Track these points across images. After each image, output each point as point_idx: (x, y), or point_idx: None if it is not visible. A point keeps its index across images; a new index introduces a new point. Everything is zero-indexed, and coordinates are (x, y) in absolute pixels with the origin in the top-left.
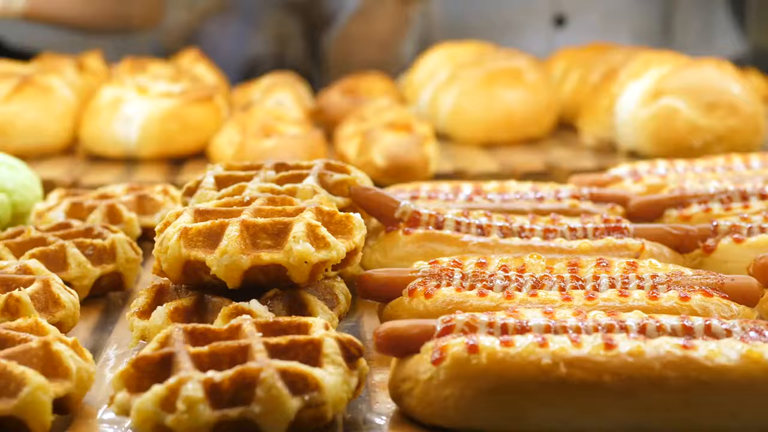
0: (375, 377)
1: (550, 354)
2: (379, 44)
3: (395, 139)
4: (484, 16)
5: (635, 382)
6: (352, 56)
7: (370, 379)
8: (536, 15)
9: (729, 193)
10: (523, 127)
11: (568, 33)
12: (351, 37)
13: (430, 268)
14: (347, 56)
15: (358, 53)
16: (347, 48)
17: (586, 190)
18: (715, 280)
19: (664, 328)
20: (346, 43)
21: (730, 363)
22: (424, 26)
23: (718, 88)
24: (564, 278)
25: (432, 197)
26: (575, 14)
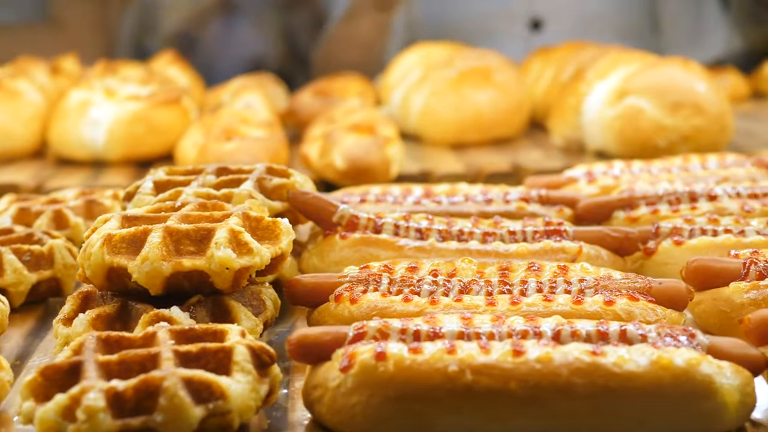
0: (296, 384)
1: (457, 361)
2: (361, 47)
3: (356, 141)
4: (463, 21)
5: (541, 389)
6: (335, 59)
7: (293, 386)
8: (513, 19)
9: (678, 194)
10: (492, 128)
11: (544, 36)
12: (335, 40)
13: (358, 273)
14: (331, 59)
15: (341, 56)
16: (331, 50)
17: (535, 192)
18: (643, 284)
19: (578, 334)
20: (330, 46)
21: (638, 369)
22: (405, 31)
23: (683, 88)
24: (492, 283)
25: (380, 200)
26: (551, 18)
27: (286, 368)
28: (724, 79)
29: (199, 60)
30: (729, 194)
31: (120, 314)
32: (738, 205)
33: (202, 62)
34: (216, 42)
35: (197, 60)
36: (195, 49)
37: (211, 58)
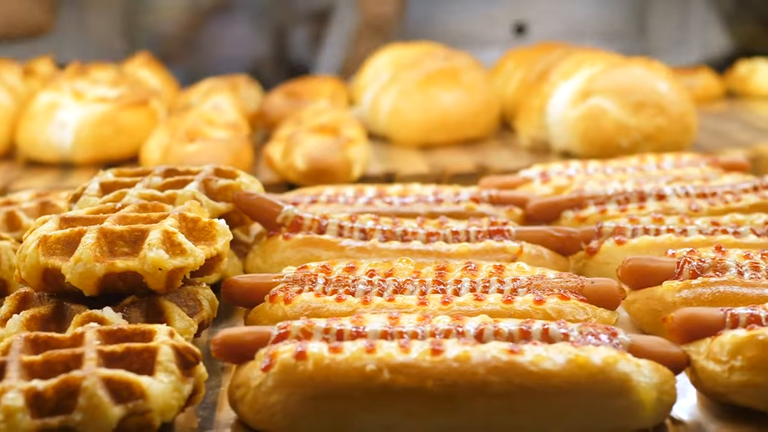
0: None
1: (375, 360)
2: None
3: (317, 142)
4: (447, 26)
5: (458, 387)
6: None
7: (224, 386)
8: (497, 24)
9: (626, 194)
10: (459, 128)
11: (529, 41)
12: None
13: (294, 273)
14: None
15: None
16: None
17: (486, 192)
18: (575, 284)
19: (501, 333)
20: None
21: (555, 368)
22: (398, 35)
23: (645, 88)
24: (426, 283)
25: (332, 201)
26: (536, 22)
27: (223, 368)
28: (697, 78)
29: (197, 62)
30: (678, 194)
31: (55, 315)
32: (685, 205)
33: (200, 64)
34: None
35: (195, 62)
36: (192, 51)
37: (209, 59)
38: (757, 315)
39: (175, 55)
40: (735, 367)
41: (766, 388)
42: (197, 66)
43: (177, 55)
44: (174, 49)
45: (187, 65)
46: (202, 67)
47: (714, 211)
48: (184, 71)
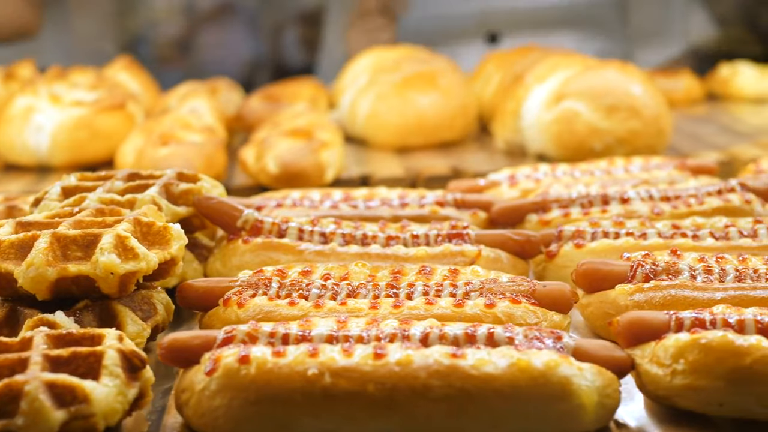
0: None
1: (317, 364)
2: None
3: (289, 145)
4: (419, 35)
5: (398, 391)
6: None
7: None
8: (470, 33)
9: (590, 197)
10: (436, 132)
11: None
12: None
13: (248, 277)
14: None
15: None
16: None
17: (451, 196)
18: (528, 287)
19: (446, 337)
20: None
21: (496, 371)
22: (361, 44)
23: (618, 91)
24: (379, 286)
25: (297, 204)
26: (508, 31)
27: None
28: (679, 81)
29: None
30: (641, 197)
31: (8, 319)
32: (648, 208)
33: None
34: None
35: (193, 64)
36: (190, 54)
37: (207, 62)
38: (701, 319)
39: (170, 58)
40: (677, 371)
41: (707, 392)
42: (192, 69)
43: (172, 59)
44: (169, 52)
45: (182, 68)
46: (197, 71)
47: (676, 215)
48: (179, 75)
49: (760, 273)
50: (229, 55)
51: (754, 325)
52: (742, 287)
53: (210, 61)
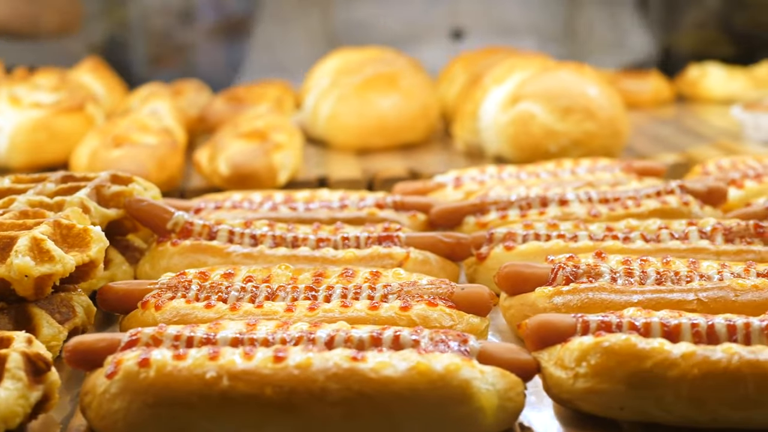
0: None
1: (216, 367)
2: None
3: (241, 147)
4: (385, 32)
5: (296, 394)
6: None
7: None
8: (435, 30)
9: (529, 199)
10: (397, 133)
11: (466, 46)
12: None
13: (169, 280)
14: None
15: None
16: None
17: (390, 198)
18: (446, 290)
19: (352, 340)
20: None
21: (395, 375)
22: (326, 42)
23: (573, 93)
24: (299, 289)
25: (237, 206)
26: (472, 28)
27: None
28: (647, 82)
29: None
30: (580, 199)
31: None
32: (585, 210)
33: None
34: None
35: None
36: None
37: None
38: (608, 322)
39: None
40: (579, 374)
41: (608, 395)
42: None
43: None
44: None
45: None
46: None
47: (613, 217)
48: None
49: (681, 275)
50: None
51: (660, 328)
52: (660, 290)
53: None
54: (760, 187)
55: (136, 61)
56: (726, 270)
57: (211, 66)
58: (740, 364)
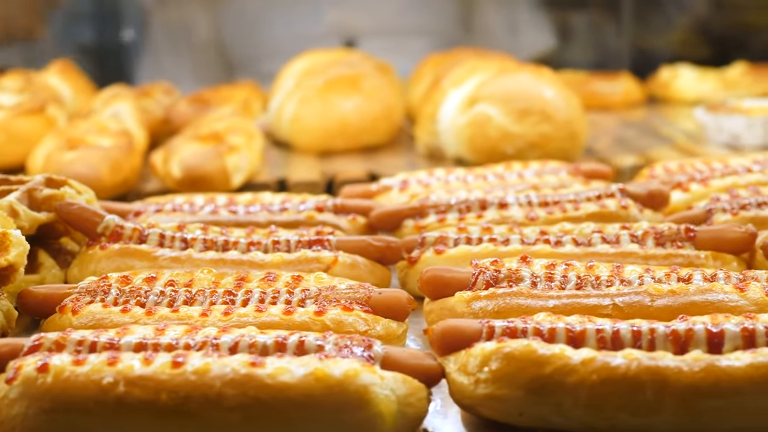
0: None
1: (114, 373)
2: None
3: (194, 150)
4: (276, 42)
5: (192, 400)
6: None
7: None
8: (327, 39)
9: (468, 203)
10: (358, 136)
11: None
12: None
13: (88, 284)
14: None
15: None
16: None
17: (331, 201)
18: (363, 295)
19: (256, 345)
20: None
21: (292, 380)
22: (215, 51)
23: (530, 95)
24: (217, 293)
25: (177, 210)
26: (365, 36)
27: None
28: (618, 84)
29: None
30: (520, 202)
31: None
32: (524, 213)
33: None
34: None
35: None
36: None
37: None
38: (513, 327)
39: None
40: (480, 380)
41: (507, 401)
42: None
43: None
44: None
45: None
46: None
47: (550, 220)
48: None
49: (602, 280)
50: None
51: (565, 334)
52: (577, 295)
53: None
54: (706, 190)
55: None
56: (647, 275)
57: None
58: (639, 370)
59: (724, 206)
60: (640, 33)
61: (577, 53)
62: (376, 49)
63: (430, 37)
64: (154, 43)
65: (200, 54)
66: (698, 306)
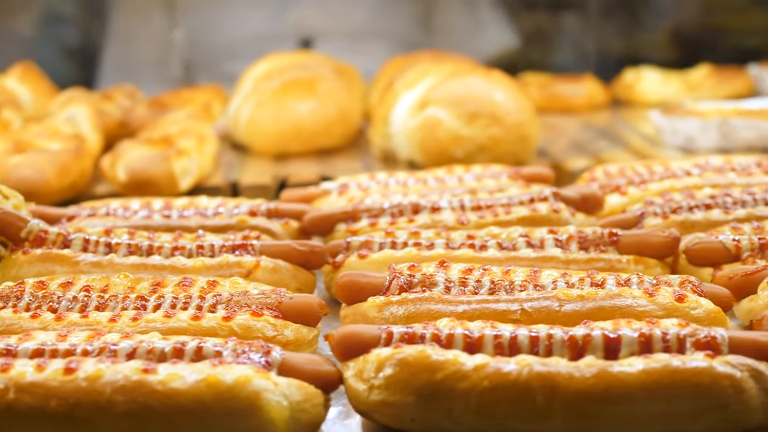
0: None
1: (6, 379)
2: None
3: (140, 153)
4: (233, 43)
5: (82, 407)
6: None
7: None
8: (283, 39)
9: (401, 207)
10: (313, 138)
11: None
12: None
13: (2, 289)
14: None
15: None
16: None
17: (265, 205)
18: (274, 300)
19: (154, 351)
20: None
21: (183, 387)
22: (174, 52)
23: (480, 98)
24: (130, 298)
25: (110, 214)
26: (321, 36)
27: None
28: (581, 86)
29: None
30: (452, 206)
31: None
32: (455, 218)
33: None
34: None
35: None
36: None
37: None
38: (411, 333)
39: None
40: (374, 386)
41: (400, 407)
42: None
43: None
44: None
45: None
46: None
47: (481, 224)
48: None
49: (515, 285)
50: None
51: (463, 340)
52: (487, 300)
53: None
54: (642, 194)
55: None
56: (562, 279)
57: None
58: (530, 376)
59: (656, 210)
60: (607, 35)
61: (543, 55)
62: (339, 51)
63: (393, 39)
64: (119, 46)
65: (166, 57)
66: (606, 311)
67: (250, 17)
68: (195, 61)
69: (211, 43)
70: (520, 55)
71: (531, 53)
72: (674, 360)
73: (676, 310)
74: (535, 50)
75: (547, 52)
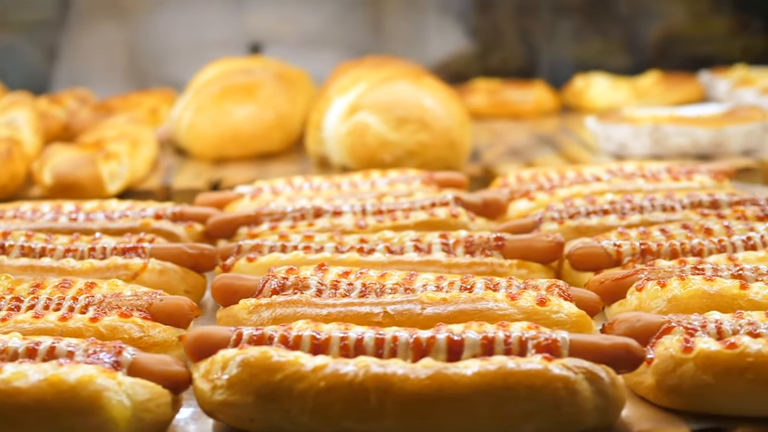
0: None
1: None
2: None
3: (67, 156)
4: (181, 49)
5: None
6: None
7: None
8: (231, 45)
9: (303, 211)
10: (252, 143)
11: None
12: None
13: None
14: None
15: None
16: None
17: (170, 209)
18: (145, 302)
19: (7, 351)
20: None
21: (25, 386)
22: (124, 55)
23: (408, 103)
24: (4, 299)
25: (18, 216)
26: (270, 41)
27: None
28: (530, 92)
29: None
30: (354, 211)
31: None
32: (354, 222)
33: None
34: None
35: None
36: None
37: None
38: (260, 335)
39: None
40: (218, 386)
41: (240, 407)
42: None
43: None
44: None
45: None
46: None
47: (379, 228)
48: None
49: (386, 288)
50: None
51: (309, 342)
52: (352, 303)
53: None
54: (550, 199)
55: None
56: (432, 283)
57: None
58: (366, 377)
59: (554, 215)
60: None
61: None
62: (293, 56)
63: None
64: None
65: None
66: (467, 314)
67: (204, 22)
68: (149, 67)
69: (166, 48)
70: (472, 61)
71: (485, 59)
72: (510, 362)
73: (536, 314)
74: (489, 57)
75: (500, 59)
